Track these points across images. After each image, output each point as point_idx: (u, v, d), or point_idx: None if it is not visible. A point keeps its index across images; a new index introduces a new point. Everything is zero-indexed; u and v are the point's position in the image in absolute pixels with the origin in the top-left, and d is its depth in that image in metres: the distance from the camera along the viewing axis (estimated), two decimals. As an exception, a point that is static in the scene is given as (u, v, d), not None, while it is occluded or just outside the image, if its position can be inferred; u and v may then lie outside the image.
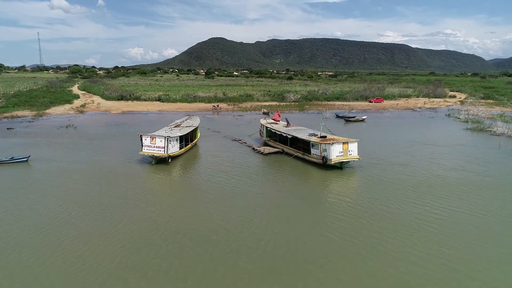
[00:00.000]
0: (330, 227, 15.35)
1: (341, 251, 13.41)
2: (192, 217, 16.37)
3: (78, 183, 20.84)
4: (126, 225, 15.41)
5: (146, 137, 24.66)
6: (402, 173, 23.24)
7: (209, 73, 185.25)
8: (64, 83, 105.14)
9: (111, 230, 14.95)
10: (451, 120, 48.80)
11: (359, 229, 15.10)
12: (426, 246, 13.75)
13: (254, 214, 16.69)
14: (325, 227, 15.36)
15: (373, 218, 16.19)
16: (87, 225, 15.35)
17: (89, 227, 15.21)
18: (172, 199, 18.84)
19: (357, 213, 16.81)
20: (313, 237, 14.46)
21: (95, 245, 13.67)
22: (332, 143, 23.04)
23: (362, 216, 16.45)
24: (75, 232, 14.66)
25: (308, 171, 23.89)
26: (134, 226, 15.31)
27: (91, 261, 12.54)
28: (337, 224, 15.67)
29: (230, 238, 14.37)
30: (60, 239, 14.10)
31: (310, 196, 19.50)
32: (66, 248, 13.43)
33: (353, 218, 16.27)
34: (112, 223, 15.57)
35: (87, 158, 26.58)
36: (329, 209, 17.40)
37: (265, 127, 31.58)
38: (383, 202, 18.10)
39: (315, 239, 14.29)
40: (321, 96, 74.98)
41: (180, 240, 14.16)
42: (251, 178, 22.04)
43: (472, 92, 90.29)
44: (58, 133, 36.43)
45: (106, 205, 17.54)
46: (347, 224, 15.61)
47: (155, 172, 23.31)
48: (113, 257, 12.82)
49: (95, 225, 15.37)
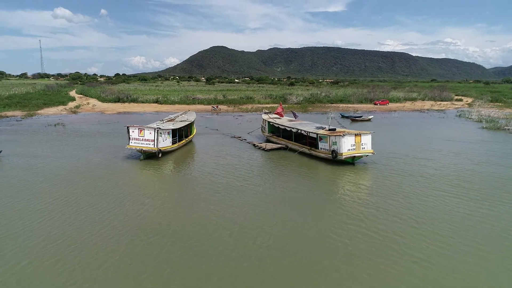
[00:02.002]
0: (346, 233, 12.64)
1: (358, 262, 10.70)
2: (183, 218, 13.71)
3: (50, 180, 18.22)
4: (105, 227, 12.74)
5: (134, 129, 22.03)
6: (428, 167, 20.76)
7: (210, 79, 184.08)
8: (62, 88, 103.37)
9: (89, 232, 12.29)
10: (463, 120, 46.21)
11: (382, 232, 12.39)
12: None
13: (255, 214, 14.02)
14: (339, 232, 12.65)
15: (400, 220, 13.49)
16: (57, 228, 12.69)
17: (60, 229, 12.56)
18: (161, 196, 16.18)
19: (378, 214, 14.11)
20: (325, 243, 11.75)
21: (73, 249, 11.00)
22: (343, 135, 20.41)
23: (386, 217, 13.75)
24: (49, 235, 12.01)
25: (315, 167, 21.22)
26: (110, 229, 12.64)
27: (69, 269, 9.87)
28: (355, 229, 12.97)
29: (230, 242, 11.68)
30: (32, 242, 11.45)
31: (318, 195, 16.81)
32: (39, 253, 10.78)
33: (374, 220, 13.57)
34: (89, 225, 12.92)
35: (68, 153, 24.02)
36: (343, 211, 14.68)
37: (268, 122, 28.97)
38: (411, 200, 15.41)
39: (327, 245, 11.58)
40: (324, 99, 72.57)
41: (168, 243, 11.47)
42: (251, 175, 19.38)
43: (479, 96, 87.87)
44: (45, 131, 33.96)
45: (81, 205, 14.90)
46: (367, 229, 12.89)
47: (143, 168, 20.67)
48: (94, 263, 10.14)
49: (67, 228, 12.71)
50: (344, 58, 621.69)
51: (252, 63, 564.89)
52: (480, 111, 52.86)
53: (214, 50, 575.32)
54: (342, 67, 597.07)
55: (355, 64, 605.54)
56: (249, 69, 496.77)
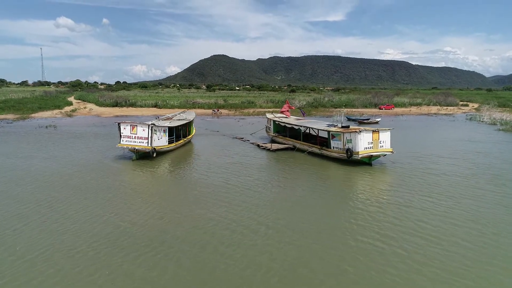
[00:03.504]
0: (367, 249, 10.46)
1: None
2: (175, 222, 11.55)
3: (33, 183, 16.10)
4: (89, 234, 10.60)
5: (125, 126, 19.92)
6: (459, 166, 18.88)
7: (210, 86, 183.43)
8: (61, 94, 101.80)
9: (70, 240, 10.15)
10: (476, 123, 44.21)
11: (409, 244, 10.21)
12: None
13: (259, 221, 11.86)
14: (359, 246, 10.48)
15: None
16: (33, 241, 10.56)
17: (38, 242, 10.42)
18: (154, 200, 14.02)
19: (410, 229, 11.94)
20: (342, 260, 9.58)
21: (53, 266, 8.85)
22: (360, 131, 18.31)
23: (420, 233, 11.58)
24: (25, 247, 9.88)
25: (327, 168, 19.08)
26: (99, 239, 10.49)
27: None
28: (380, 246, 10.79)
29: (232, 252, 9.53)
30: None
31: (333, 201, 14.62)
32: (12, 272, 8.62)
33: (404, 237, 11.39)
34: (73, 231, 10.78)
35: (55, 154, 21.93)
36: (364, 221, 12.50)
37: (273, 121, 26.87)
38: (452, 203, 13.25)
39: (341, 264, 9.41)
40: (327, 103, 70.79)
41: (161, 252, 9.31)
42: (255, 178, 17.25)
43: (486, 100, 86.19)
44: (35, 132, 31.96)
45: (62, 211, 12.76)
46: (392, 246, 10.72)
47: (135, 169, 18.52)
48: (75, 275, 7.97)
49: (45, 239, 10.57)
50: (344, 67, 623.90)
51: (252, 71, 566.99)
52: (491, 114, 50.91)
53: (214, 58, 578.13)
54: (343, 76, 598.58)
55: (356, 72, 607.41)
56: (249, 78, 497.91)
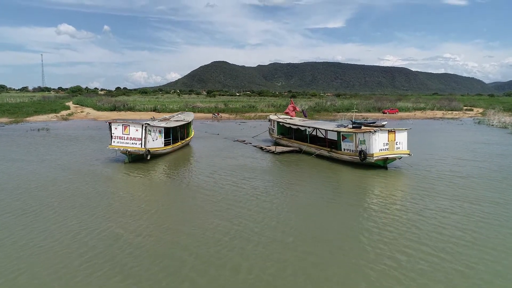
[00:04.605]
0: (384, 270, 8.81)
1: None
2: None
3: (12, 188, 14.49)
4: (72, 246, 8.96)
5: (117, 125, 18.36)
6: (483, 168, 17.37)
7: (211, 92, 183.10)
8: (60, 99, 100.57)
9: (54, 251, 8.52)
10: (485, 127, 42.67)
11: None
12: None
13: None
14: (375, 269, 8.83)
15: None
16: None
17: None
18: (146, 208, 12.38)
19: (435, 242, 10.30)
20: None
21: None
22: (374, 131, 16.74)
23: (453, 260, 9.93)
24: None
25: (338, 172, 17.45)
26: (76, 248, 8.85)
27: None
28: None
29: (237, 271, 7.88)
30: None
31: (346, 212, 13.00)
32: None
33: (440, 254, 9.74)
34: (60, 248, 9.15)
35: (41, 157, 20.32)
36: (384, 235, 10.86)
37: (277, 122, 25.29)
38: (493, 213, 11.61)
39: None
40: (330, 107, 69.29)
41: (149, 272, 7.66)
42: (260, 182, 15.63)
43: (491, 105, 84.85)
44: (25, 135, 30.41)
45: (50, 220, 11.15)
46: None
47: (127, 173, 16.89)
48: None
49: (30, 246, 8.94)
50: (344, 73, 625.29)
51: (253, 77, 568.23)
52: (500, 118, 49.45)
53: (215, 65, 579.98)
54: (343, 82, 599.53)
55: (356, 79, 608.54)
56: (250, 84, 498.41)
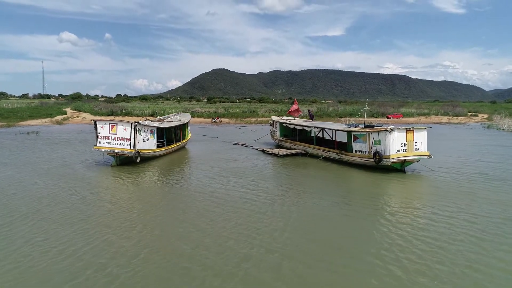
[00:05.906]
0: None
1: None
2: (160, 247, 8.14)
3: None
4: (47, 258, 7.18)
5: (104, 124, 16.66)
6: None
7: (211, 98, 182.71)
8: (58, 105, 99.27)
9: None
10: (495, 131, 41.00)
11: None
12: None
13: (268, 247, 8.46)
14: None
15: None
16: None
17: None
18: (134, 217, 10.61)
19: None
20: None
21: None
22: (391, 130, 15.07)
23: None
24: None
25: (350, 176, 15.68)
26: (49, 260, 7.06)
27: None
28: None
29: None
30: None
31: (361, 221, 11.22)
32: None
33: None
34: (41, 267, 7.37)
35: (22, 160, 18.58)
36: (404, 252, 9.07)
37: (280, 123, 23.64)
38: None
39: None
40: (332, 112, 67.80)
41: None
42: (263, 188, 13.87)
43: (496, 111, 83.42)
44: (13, 138, 28.73)
45: (25, 235, 9.39)
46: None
47: (115, 177, 15.12)
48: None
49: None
50: (344, 81, 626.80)
51: (253, 85, 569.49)
52: (509, 123, 47.83)
53: (215, 72, 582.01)
54: (343, 89, 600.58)
55: (356, 86, 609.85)
56: (250, 91, 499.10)
